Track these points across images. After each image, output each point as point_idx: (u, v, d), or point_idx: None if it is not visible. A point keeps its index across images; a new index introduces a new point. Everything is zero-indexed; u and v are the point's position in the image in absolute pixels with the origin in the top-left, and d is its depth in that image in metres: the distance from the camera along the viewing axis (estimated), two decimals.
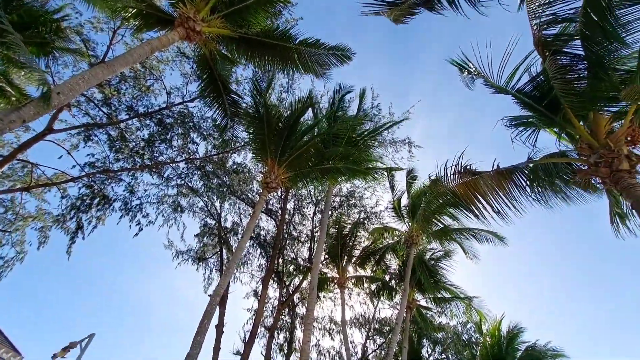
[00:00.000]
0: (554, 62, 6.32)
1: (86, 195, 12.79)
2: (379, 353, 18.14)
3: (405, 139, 15.94)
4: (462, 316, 15.40)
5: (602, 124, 6.23)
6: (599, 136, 6.18)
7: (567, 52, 6.38)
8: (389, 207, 15.41)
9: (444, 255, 14.39)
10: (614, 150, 5.79)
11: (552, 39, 6.39)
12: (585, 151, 6.28)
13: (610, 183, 5.78)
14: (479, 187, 7.20)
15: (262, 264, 18.35)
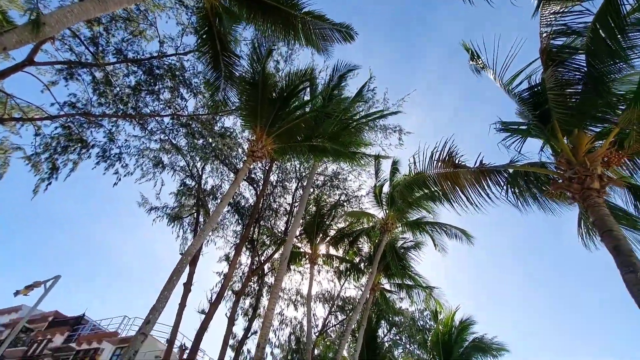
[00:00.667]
0: (554, 73, 6.42)
1: (62, 136, 12.28)
2: (339, 328, 19.00)
3: (396, 126, 16.00)
4: (422, 304, 16.22)
5: (584, 142, 6.47)
6: (578, 153, 6.43)
7: (568, 65, 6.48)
8: (370, 192, 15.69)
9: (414, 246, 14.92)
10: (589, 168, 6.06)
11: (558, 49, 6.44)
12: (563, 165, 6.54)
13: (579, 199, 6.09)
14: (459, 180, 7.42)
15: (238, 230, 18.49)
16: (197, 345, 15.17)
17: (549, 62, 6.40)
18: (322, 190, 18.05)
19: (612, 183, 6.26)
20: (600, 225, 5.56)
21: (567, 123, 6.52)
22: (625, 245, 5.15)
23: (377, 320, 16.84)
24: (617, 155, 6.34)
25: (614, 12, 5.27)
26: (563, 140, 6.55)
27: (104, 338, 21.56)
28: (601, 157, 6.18)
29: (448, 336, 15.03)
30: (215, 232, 18.07)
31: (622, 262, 5.01)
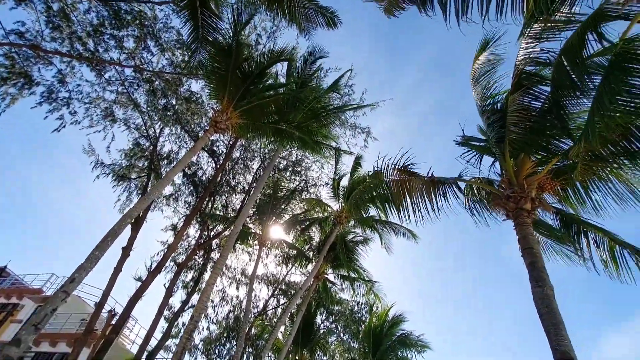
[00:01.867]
0: (517, 98, 6.86)
1: (3, 66, 10.96)
2: (278, 311, 19.24)
3: (365, 127, 16.25)
4: (362, 297, 16.89)
5: (526, 166, 7.01)
6: (519, 175, 6.96)
7: (533, 93, 6.93)
8: (329, 183, 15.86)
9: (363, 241, 15.41)
10: (525, 190, 6.59)
11: (527, 76, 6.85)
12: (505, 184, 7.07)
13: (512, 216, 6.63)
14: (412, 187, 7.74)
15: (190, 202, 17.87)
16: (128, 312, 14.60)
17: (518, 87, 6.81)
18: (282, 174, 17.95)
19: (542, 206, 6.87)
20: (523, 242, 6.10)
21: (517, 146, 7.03)
22: (540, 263, 5.71)
23: (317, 307, 17.28)
24: (551, 183, 6.95)
25: (578, 50, 5.66)
26: (510, 161, 7.05)
27: (26, 294, 20.01)
28: (537, 182, 6.74)
29: (380, 329, 15.84)
30: (165, 200, 17.33)
31: (535, 276, 5.55)
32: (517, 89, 6.70)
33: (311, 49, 13.18)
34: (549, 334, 5.05)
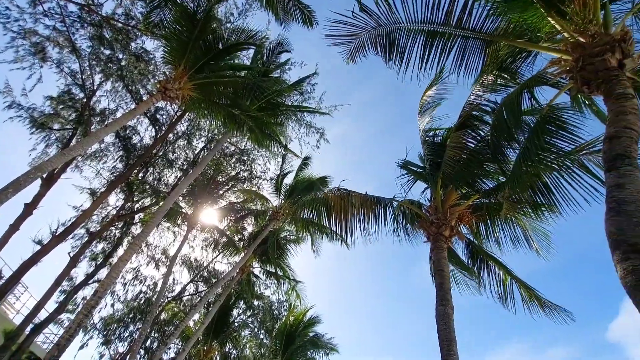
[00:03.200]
0: (460, 136, 7.57)
1: None
2: (195, 298, 18.44)
3: (320, 128, 16.42)
4: (283, 295, 16.97)
5: (452, 197, 7.72)
6: (445, 204, 7.64)
7: (473, 135, 7.68)
8: (273, 179, 15.70)
9: (295, 240, 15.52)
10: (447, 218, 7.26)
11: (472, 118, 7.56)
12: (432, 210, 7.72)
13: (431, 240, 7.26)
14: (350, 203, 8.10)
15: (119, 168, 16.30)
16: (19, 277, 12.81)
17: (461, 127, 7.50)
18: (227, 160, 17.32)
19: (458, 235, 7.63)
20: (437, 264, 6.72)
21: (448, 179, 7.73)
22: (447, 285, 6.33)
23: (236, 299, 16.93)
24: (469, 216, 7.75)
25: (516, 105, 6.38)
26: (439, 190, 7.72)
27: None
28: (458, 213, 7.47)
29: (295, 328, 16.07)
30: (89, 160, 15.58)
31: (440, 296, 6.14)
32: (460, 128, 7.39)
33: (280, 39, 13.00)
34: (442, 349, 5.61)
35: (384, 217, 8.79)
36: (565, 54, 4.66)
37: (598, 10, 4.42)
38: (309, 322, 15.53)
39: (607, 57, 4.16)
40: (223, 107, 10.64)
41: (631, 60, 4.21)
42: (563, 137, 5.41)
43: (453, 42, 5.70)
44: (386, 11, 5.79)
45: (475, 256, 8.23)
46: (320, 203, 9.14)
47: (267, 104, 12.84)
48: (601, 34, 4.33)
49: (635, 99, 4.02)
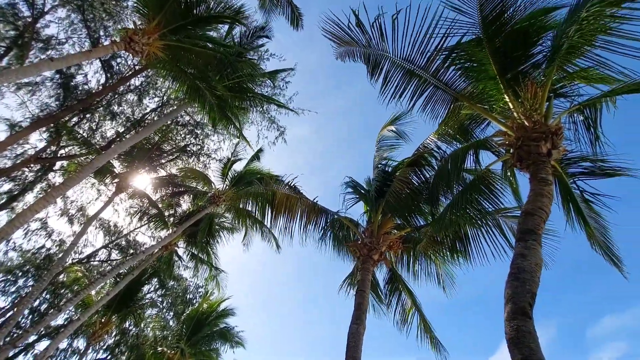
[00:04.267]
0: (409, 171, 8.15)
1: None
2: (105, 266, 16.99)
3: (282, 126, 16.32)
4: (202, 281, 16.44)
5: (388, 225, 8.27)
6: (380, 230, 8.15)
7: (420, 174, 8.31)
8: (223, 161, 15.21)
9: (229, 229, 15.17)
10: (379, 244, 7.75)
11: (423, 159, 8.19)
12: (367, 233, 8.18)
13: (360, 260, 7.69)
14: (295, 205, 8.22)
15: (52, 106, 14.46)
16: None
17: (412, 164, 8.11)
18: (179, 129, 16.35)
19: (384, 260, 8.17)
20: (361, 284, 7.14)
21: (389, 207, 8.26)
22: (365, 305, 6.75)
23: (151, 275, 15.97)
24: (398, 246, 8.35)
25: (460, 160, 7.05)
26: (378, 216, 8.22)
27: None
28: (389, 241, 8.01)
29: (206, 317, 15.63)
30: (18, 87, 13.59)
31: (357, 315, 6.53)
32: (410, 165, 7.99)
33: (263, 24, 12.71)
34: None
35: (324, 227, 9.09)
36: (510, 130, 5.34)
37: (544, 102, 5.15)
38: (222, 312, 15.22)
39: (541, 144, 4.87)
40: (189, 77, 10.10)
41: (557, 152, 4.98)
42: (488, 199, 6.17)
43: (426, 87, 6.17)
44: (377, 37, 6.05)
45: (392, 282, 8.86)
46: (265, 199, 9.11)
47: (235, 86, 12.47)
48: (541, 123, 5.05)
49: (552, 185, 4.77)
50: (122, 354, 16.44)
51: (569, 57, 5.00)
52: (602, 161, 5.62)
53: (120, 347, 16.39)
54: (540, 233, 4.25)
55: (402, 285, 8.93)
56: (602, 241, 5.73)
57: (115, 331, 15.68)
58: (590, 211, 5.83)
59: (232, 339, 15.83)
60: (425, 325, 8.73)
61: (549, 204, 4.51)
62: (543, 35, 5.48)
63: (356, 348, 6.00)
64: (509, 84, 5.47)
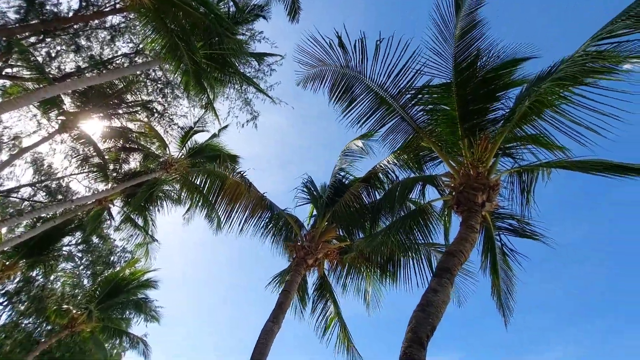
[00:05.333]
0: (361, 186, 8.42)
1: None
2: (24, 204, 15.48)
3: (256, 111, 15.99)
4: (132, 246, 15.59)
5: (330, 234, 8.43)
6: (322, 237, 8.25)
7: (370, 192, 8.59)
8: (185, 129, 14.58)
9: (174, 200, 14.57)
10: (317, 250, 7.90)
11: (376, 179, 8.49)
12: (308, 237, 8.31)
13: (295, 261, 7.79)
14: (243, 194, 8.14)
15: (9, 18, 12.92)
16: None
17: (365, 181, 8.40)
18: (147, 83, 15.40)
19: (318, 267, 8.32)
20: (288, 284, 7.22)
21: (335, 217, 8.46)
22: (286, 305, 6.82)
23: (76, 228, 14.81)
24: (335, 256, 8.54)
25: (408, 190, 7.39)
26: (323, 224, 8.38)
27: None
28: (328, 250, 8.18)
29: (125, 283, 14.80)
30: None
31: (275, 314, 6.58)
32: (364, 181, 8.27)
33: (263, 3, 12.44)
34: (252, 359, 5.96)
35: (268, 222, 9.06)
36: (457, 175, 5.73)
37: (491, 157, 5.59)
38: (144, 282, 14.49)
39: (478, 194, 5.27)
40: (171, 33, 9.60)
41: (490, 205, 5.42)
42: (422, 231, 6.58)
43: (393, 117, 6.43)
44: (358, 59, 6.20)
45: (321, 289, 9.04)
46: (218, 177, 8.91)
47: (218, 57, 12.06)
48: (484, 175, 5.46)
49: (478, 233, 5.18)
50: (22, 303, 15.08)
51: (520, 123, 5.47)
52: (526, 223, 6.21)
53: (20, 296, 15.02)
54: (455, 273, 4.59)
55: (330, 294, 9.13)
56: (503, 291, 6.33)
57: (20, 277, 14.36)
58: (504, 263, 6.41)
59: (148, 311, 15.11)
60: (345, 335, 8.98)
61: (470, 249, 4.89)
62: (507, 92, 5.94)
63: (265, 345, 6.03)
64: (466, 133, 5.86)
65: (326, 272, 9.04)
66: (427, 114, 6.26)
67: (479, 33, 5.69)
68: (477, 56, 5.71)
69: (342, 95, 6.49)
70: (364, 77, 6.31)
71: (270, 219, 8.84)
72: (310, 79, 6.63)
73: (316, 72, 6.51)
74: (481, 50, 5.70)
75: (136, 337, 14.75)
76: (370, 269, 8.50)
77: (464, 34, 5.71)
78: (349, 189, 8.63)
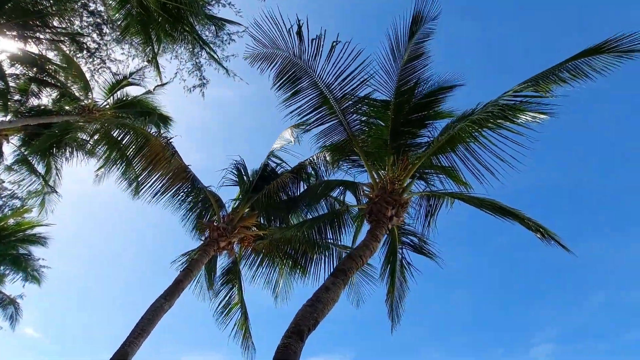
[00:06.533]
0: (289, 177, 8.46)
1: None
2: None
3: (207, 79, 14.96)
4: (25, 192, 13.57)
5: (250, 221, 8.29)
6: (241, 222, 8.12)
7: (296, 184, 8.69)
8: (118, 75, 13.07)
9: (89, 151, 13.02)
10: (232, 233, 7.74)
11: (305, 172, 8.61)
12: (227, 218, 8.10)
13: (207, 241, 7.55)
14: (166, 161, 7.66)
15: None
16: None
17: (293, 172, 8.48)
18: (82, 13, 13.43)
19: (230, 251, 8.16)
20: (192, 263, 7.05)
21: (259, 204, 8.40)
22: (184, 285, 6.58)
23: None
24: (250, 243, 8.44)
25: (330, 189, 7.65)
26: (245, 209, 8.26)
27: None
28: (244, 235, 8.07)
29: (8, 234, 12.82)
30: None
31: (170, 291, 6.31)
32: (293, 172, 8.38)
33: None
34: (132, 334, 5.60)
35: (187, 195, 8.62)
36: (376, 187, 6.11)
37: (408, 177, 6.07)
38: (30, 237, 12.69)
39: (389, 208, 5.68)
40: None
41: (397, 220, 5.88)
42: (335, 232, 6.92)
43: (331, 118, 6.60)
44: (312, 53, 6.21)
45: (229, 274, 8.86)
46: (142, 136, 8.20)
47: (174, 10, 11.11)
48: (398, 193, 5.91)
49: (380, 242, 5.58)
50: None
51: (438, 152, 6.04)
52: (425, 242, 6.88)
53: None
54: (349, 275, 4.88)
55: (238, 281, 8.97)
56: (396, 299, 6.95)
57: None
58: (401, 274, 7.02)
59: (29, 270, 13.29)
60: (244, 323, 8.90)
61: (369, 255, 5.25)
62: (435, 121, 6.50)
63: (151, 322, 5.69)
64: (393, 150, 6.27)
65: (239, 258, 8.91)
66: (363, 124, 6.53)
67: (422, 63, 6.14)
68: (417, 83, 6.15)
69: (287, 84, 6.44)
70: (313, 73, 6.33)
71: (190, 192, 8.41)
72: (260, 58, 6.45)
73: (267, 53, 6.36)
74: (421, 79, 6.17)
75: (7, 298, 12.90)
76: (284, 261, 8.59)
77: (410, 60, 6.10)
78: (277, 178, 8.60)
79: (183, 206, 8.75)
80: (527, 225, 5.66)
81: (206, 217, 8.70)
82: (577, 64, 4.53)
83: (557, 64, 4.58)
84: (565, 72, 4.54)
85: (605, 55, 4.42)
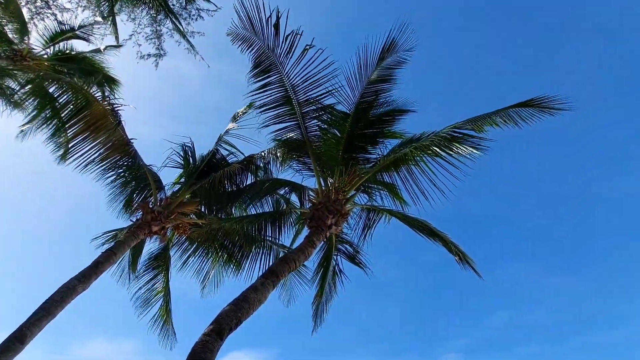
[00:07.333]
0: (236, 168, 8.30)
1: None
2: None
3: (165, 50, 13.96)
4: None
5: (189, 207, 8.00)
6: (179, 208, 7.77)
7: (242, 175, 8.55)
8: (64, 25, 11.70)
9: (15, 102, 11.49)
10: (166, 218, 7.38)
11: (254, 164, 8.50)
12: (164, 202, 7.71)
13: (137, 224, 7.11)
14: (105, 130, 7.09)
15: None
16: None
17: (243, 163, 8.34)
18: None
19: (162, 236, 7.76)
20: (117, 245, 6.57)
21: (202, 192, 8.14)
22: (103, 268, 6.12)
23: None
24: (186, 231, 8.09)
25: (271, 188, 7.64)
26: (186, 194, 7.96)
27: None
28: (180, 222, 7.75)
29: None
30: None
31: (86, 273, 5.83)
32: (243, 162, 8.27)
33: None
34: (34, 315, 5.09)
35: (124, 171, 8.03)
36: (321, 194, 6.27)
37: (352, 189, 6.32)
38: None
39: (329, 216, 5.86)
40: None
41: (336, 228, 6.10)
42: (274, 231, 7.01)
43: (291, 119, 6.65)
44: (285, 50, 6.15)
45: (157, 260, 8.43)
46: (83, 97, 7.44)
47: None
48: (341, 203, 6.11)
49: (316, 248, 5.74)
50: None
51: (383, 170, 6.38)
52: (358, 253, 7.22)
53: None
54: (281, 278, 4.96)
55: (166, 268, 8.56)
56: (322, 303, 7.21)
57: None
58: (332, 280, 7.28)
59: None
60: (166, 312, 8.51)
61: (303, 260, 5.38)
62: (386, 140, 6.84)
63: (58, 305, 5.20)
64: (344, 161, 6.48)
65: (171, 244, 8.51)
66: (320, 131, 6.66)
67: (386, 87, 6.47)
68: (376, 103, 6.43)
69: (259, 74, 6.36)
70: (282, 70, 6.31)
71: (127, 168, 7.85)
72: (240, 39, 6.27)
73: (247, 36, 6.20)
74: (382, 101, 6.48)
75: None
76: (219, 253, 8.38)
77: (376, 81, 6.41)
78: (226, 167, 8.34)
79: (117, 181, 8.15)
80: (450, 249, 6.22)
81: (140, 197, 8.19)
82: (509, 112, 5.16)
83: (494, 110, 5.17)
84: (498, 117, 5.15)
85: (530, 109, 5.11)
